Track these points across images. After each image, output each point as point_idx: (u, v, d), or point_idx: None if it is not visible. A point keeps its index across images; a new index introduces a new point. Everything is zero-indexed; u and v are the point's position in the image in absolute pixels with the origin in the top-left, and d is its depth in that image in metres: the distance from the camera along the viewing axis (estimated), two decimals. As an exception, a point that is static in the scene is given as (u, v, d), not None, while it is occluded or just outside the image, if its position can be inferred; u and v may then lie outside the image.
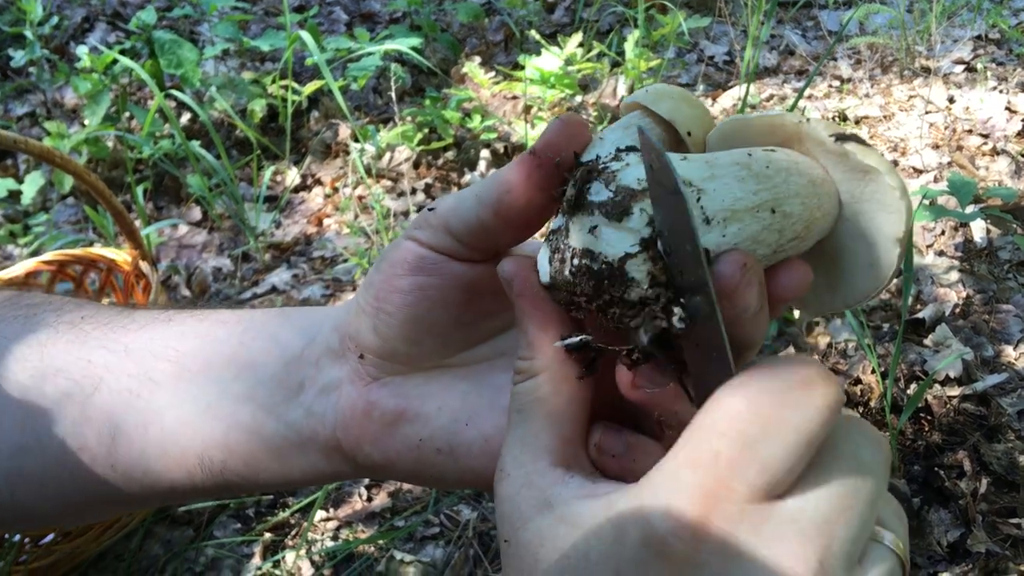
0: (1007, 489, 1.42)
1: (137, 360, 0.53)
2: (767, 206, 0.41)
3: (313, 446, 0.51)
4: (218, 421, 0.52)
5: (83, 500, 0.55)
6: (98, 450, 0.52)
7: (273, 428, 0.51)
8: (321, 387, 0.51)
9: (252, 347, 0.53)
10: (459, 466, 0.49)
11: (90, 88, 2.29)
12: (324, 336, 0.52)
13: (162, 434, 0.52)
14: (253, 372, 0.52)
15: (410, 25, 3.09)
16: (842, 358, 1.68)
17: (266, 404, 0.51)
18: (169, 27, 2.90)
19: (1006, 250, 2.00)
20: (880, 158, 0.44)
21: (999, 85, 2.69)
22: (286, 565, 1.37)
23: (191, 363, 0.53)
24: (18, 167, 2.41)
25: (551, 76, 2.54)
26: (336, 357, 0.51)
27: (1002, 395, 1.57)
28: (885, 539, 0.36)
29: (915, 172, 2.32)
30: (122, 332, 0.55)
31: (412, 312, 0.48)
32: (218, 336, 0.54)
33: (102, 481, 0.53)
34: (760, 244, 0.41)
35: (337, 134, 2.58)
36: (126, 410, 0.52)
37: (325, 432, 0.51)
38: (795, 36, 3.23)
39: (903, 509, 0.39)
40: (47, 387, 0.53)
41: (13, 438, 0.53)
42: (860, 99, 2.73)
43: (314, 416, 0.51)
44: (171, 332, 0.55)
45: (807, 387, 0.35)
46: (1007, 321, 1.77)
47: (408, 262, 0.48)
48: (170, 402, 0.52)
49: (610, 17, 3.30)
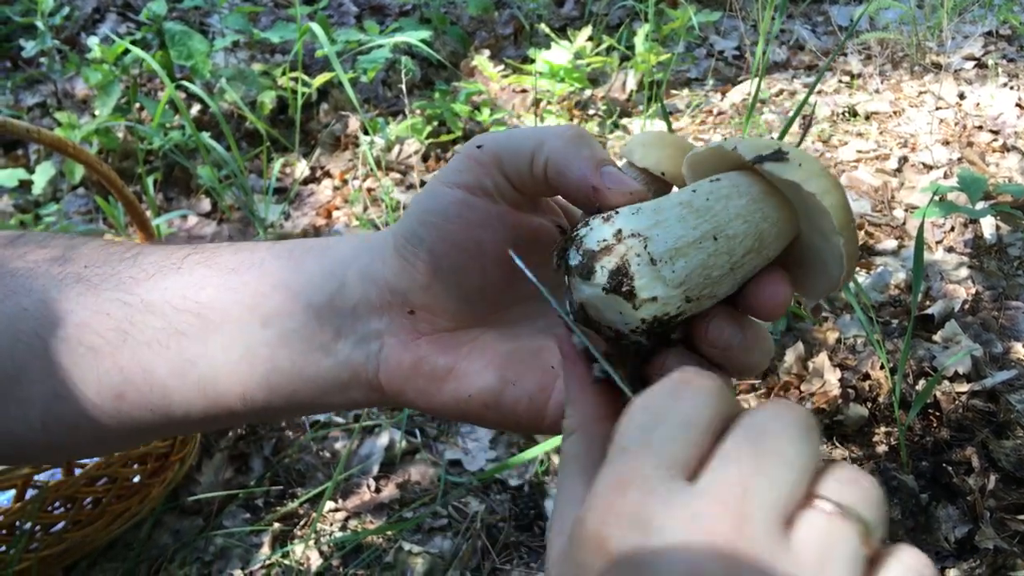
0: (1015, 486, 1.42)
1: (158, 313, 0.53)
2: (709, 235, 0.48)
3: (355, 386, 0.52)
4: (256, 367, 0.52)
5: (119, 438, 0.56)
6: (134, 397, 0.53)
7: (314, 371, 0.52)
8: (360, 336, 0.52)
9: (273, 299, 0.52)
10: (504, 418, 0.52)
11: (101, 79, 2.29)
12: (354, 284, 0.52)
13: (200, 381, 0.52)
14: (281, 321, 0.52)
15: (420, 18, 3.09)
16: (851, 354, 1.68)
17: (303, 350, 0.52)
18: (179, 18, 2.91)
19: (1016, 246, 1.99)
20: (799, 169, 0.47)
21: (1010, 81, 2.68)
22: (295, 555, 1.38)
23: (213, 315, 0.52)
24: (29, 157, 2.42)
25: (560, 70, 2.54)
26: (374, 309, 0.51)
27: (1011, 391, 1.57)
28: (822, 506, 0.37)
29: (925, 168, 2.32)
30: (132, 284, 0.54)
31: (468, 269, 0.50)
32: (233, 286, 0.53)
33: (140, 420, 0.54)
34: (713, 268, 0.48)
35: (347, 126, 2.58)
36: (158, 361, 0.52)
37: (367, 376, 0.52)
38: (805, 31, 3.21)
39: (879, 489, 0.39)
40: (72, 342, 0.53)
41: (45, 387, 0.53)
42: (870, 95, 2.72)
43: (354, 363, 0.52)
44: (184, 282, 0.54)
45: (686, 382, 0.40)
46: (1016, 317, 1.77)
47: (461, 216, 0.49)
48: (202, 352, 0.52)
49: (620, 11, 3.30)
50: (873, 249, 2.03)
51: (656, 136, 0.56)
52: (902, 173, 2.32)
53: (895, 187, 2.26)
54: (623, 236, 0.47)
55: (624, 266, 0.47)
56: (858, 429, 1.53)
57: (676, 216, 0.48)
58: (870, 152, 2.40)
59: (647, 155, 0.54)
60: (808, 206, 0.48)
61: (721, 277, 0.48)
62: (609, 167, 0.50)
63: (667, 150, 0.54)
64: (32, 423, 0.54)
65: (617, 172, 0.50)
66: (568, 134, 0.50)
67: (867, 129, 2.53)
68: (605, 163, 0.50)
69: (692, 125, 2.64)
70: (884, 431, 1.52)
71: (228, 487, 1.51)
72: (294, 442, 1.60)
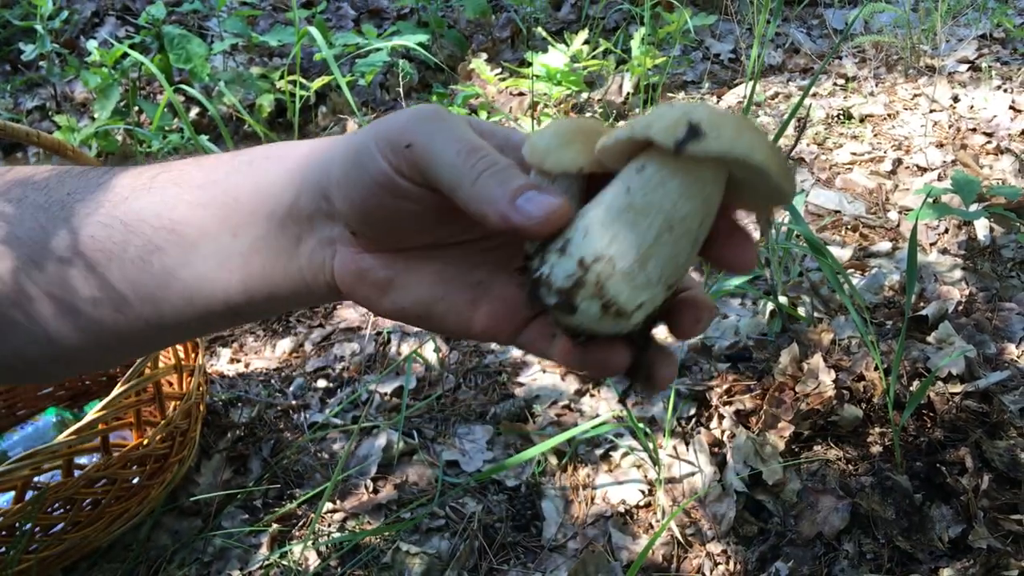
0: (1009, 486, 1.43)
1: (138, 232, 0.57)
2: (664, 229, 0.47)
3: (317, 285, 0.57)
4: (233, 274, 0.56)
5: (120, 344, 0.61)
6: (128, 310, 0.57)
7: (283, 274, 0.57)
8: (318, 240, 0.56)
9: (239, 211, 0.56)
10: (435, 326, 0.57)
11: (100, 82, 2.30)
12: (309, 195, 0.55)
13: (184, 291, 0.57)
14: (249, 230, 0.56)
15: (417, 21, 3.10)
16: (845, 355, 1.69)
17: (271, 255, 0.56)
18: (178, 22, 2.92)
19: (1009, 248, 2.00)
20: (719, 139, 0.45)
21: (1003, 84, 2.70)
22: (293, 556, 1.39)
23: (188, 230, 0.56)
24: (28, 160, 2.42)
25: (557, 73, 2.55)
26: (327, 217, 0.55)
27: (1004, 392, 1.58)
28: None
29: (919, 170, 2.33)
30: (111, 207, 0.58)
31: (394, 224, 0.53)
32: (203, 201, 0.57)
33: (138, 329, 0.58)
34: (680, 254, 0.48)
35: (345, 129, 2.59)
36: (144, 277, 0.57)
37: (325, 278, 0.56)
38: (800, 34, 3.23)
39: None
40: (65, 264, 0.57)
41: (48, 307, 0.58)
42: (864, 97, 2.73)
43: (314, 264, 0.56)
44: (156, 201, 0.58)
45: None
46: (1010, 319, 1.78)
47: (386, 189, 0.51)
48: (180, 263, 0.56)
49: (616, 14, 3.31)
50: (867, 251, 2.04)
51: (557, 133, 0.52)
52: (896, 175, 2.33)
53: (889, 189, 2.27)
54: (587, 263, 0.47)
55: (603, 292, 0.47)
56: (852, 430, 1.54)
57: (626, 224, 0.48)
58: (864, 154, 2.42)
59: (560, 158, 0.51)
60: (739, 165, 0.46)
61: (689, 254, 0.49)
62: (526, 195, 0.48)
63: (576, 144, 0.51)
64: (38, 338, 0.59)
65: (534, 197, 0.48)
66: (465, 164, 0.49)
67: (862, 131, 2.54)
68: (518, 192, 0.48)
69: (688, 128, 2.65)
70: (878, 431, 1.53)
71: (227, 488, 1.51)
72: (292, 443, 1.60)
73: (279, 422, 1.67)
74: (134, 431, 1.36)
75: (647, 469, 1.51)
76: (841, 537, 1.37)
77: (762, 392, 1.61)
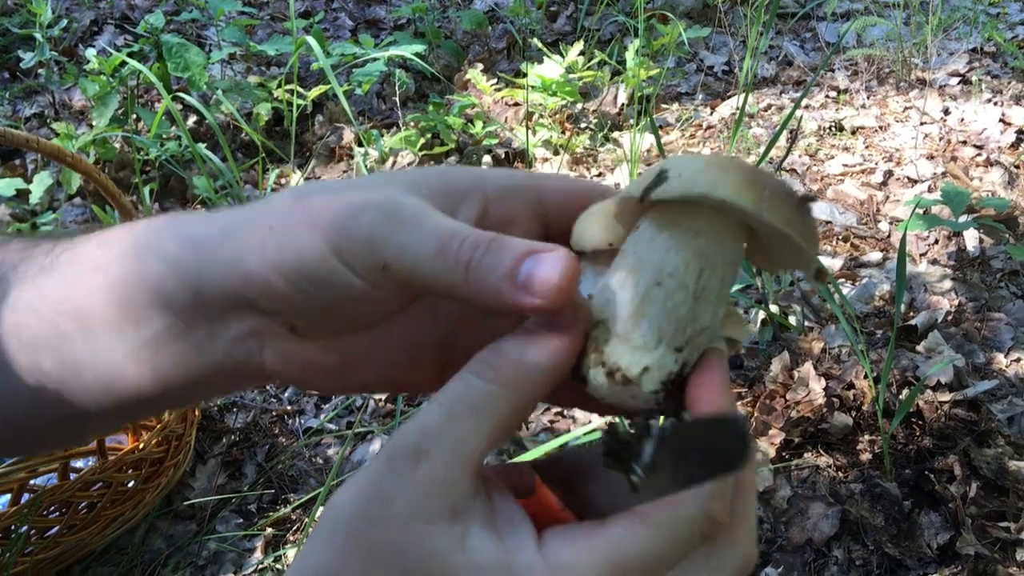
0: (996, 493, 1.44)
1: (43, 317, 0.52)
2: (652, 284, 0.46)
3: (248, 376, 0.51)
4: (141, 366, 0.50)
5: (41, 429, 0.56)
6: (48, 395, 0.52)
7: (197, 369, 0.50)
8: (235, 335, 0.49)
9: (139, 300, 0.50)
10: (411, 389, 0.54)
11: (98, 90, 2.32)
12: (215, 291, 0.48)
13: (97, 380, 0.51)
14: (151, 322, 0.50)
15: (414, 32, 3.13)
16: (836, 363, 1.70)
17: (181, 349, 0.50)
18: (176, 31, 2.94)
19: (998, 259, 2.03)
20: (679, 180, 0.44)
21: (993, 97, 2.73)
22: (287, 560, 1.39)
23: (90, 319, 0.51)
24: (26, 167, 2.44)
25: (552, 83, 2.58)
26: (244, 313, 0.49)
27: (992, 401, 1.60)
28: None
29: (909, 182, 2.36)
30: (20, 289, 0.53)
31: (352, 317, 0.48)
32: (103, 287, 0.51)
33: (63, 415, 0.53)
34: (676, 308, 0.46)
35: (341, 138, 2.61)
36: (57, 362, 0.52)
37: (253, 369, 0.50)
38: (793, 47, 3.26)
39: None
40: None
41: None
42: (856, 110, 2.76)
43: (238, 357, 0.50)
44: (58, 284, 0.52)
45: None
46: (998, 329, 1.80)
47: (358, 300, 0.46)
48: (90, 354, 0.51)
49: (611, 26, 3.34)
50: (858, 261, 2.07)
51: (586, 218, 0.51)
52: (887, 187, 2.35)
53: (880, 200, 2.30)
54: (589, 332, 0.47)
55: (604, 359, 0.46)
56: (842, 437, 1.55)
57: (618, 285, 0.47)
58: (856, 166, 2.44)
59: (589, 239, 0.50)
60: (714, 204, 0.45)
61: (692, 309, 0.47)
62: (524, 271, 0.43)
63: (598, 221, 0.51)
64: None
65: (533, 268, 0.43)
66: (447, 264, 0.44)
67: (853, 143, 2.57)
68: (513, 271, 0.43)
69: (682, 139, 2.68)
70: (868, 439, 1.55)
71: (221, 492, 1.52)
72: (287, 448, 1.61)
73: (274, 427, 1.68)
74: (130, 435, 1.37)
75: (639, 475, 1.52)
76: (831, 543, 1.38)
77: (753, 400, 1.63)
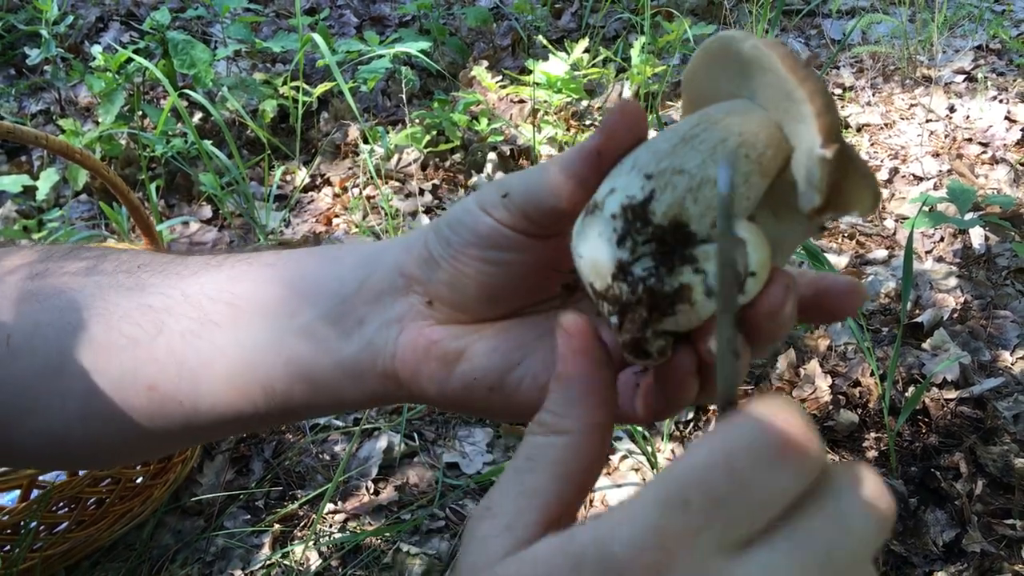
0: (1002, 491, 1.45)
1: (195, 304, 0.55)
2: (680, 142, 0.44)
3: (371, 375, 0.54)
4: (278, 356, 0.54)
5: (153, 435, 0.58)
6: (166, 388, 0.55)
7: (336, 358, 0.53)
8: (382, 322, 0.53)
9: (304, 289, 0.55)
10: (508, 401, 0.52)
11: (104, 87, 2.32)
12: (383, 273, 0.53)
13: (227, 369, 0.55)
14: (310, 309, 0.54)
15: (419, 29, 3.13)
16: (842, 360, 1.71)
17: (325, 338, 0.53)
18: (182, 28, 2.94)
19: (1004, 257, 2.03)
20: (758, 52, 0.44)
21: (999, 95, 2.72)
22: (295, 556, 1.40)
23: (246, 304, 0.55)
24: (32, 164, 2.44)
25: (557, 80, 2.58)
26: (398, 294, 0.53)
27: (998, 399, 1.60)
28: None
29: (915, 179, 2.36)
30: (177, 279, 0.57)
31: (490, 280, 0.51)
32: (269, 278, 0.56)
33: (171, 415, 0.56)
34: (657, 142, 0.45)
35: (347, 135, 2.61)
36: (189, 350, 0.55)
37: (384, 362, 0.53)
38: (798, 44, 3.26)
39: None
40: (113, 333, 0.56)
41: (84, 382, 0.56)
42: (862, 107, 2.76)
43: (375, 347, 0.53)
44: (223, 276, 0.57)
45: (784, 451, 0.35)
46: (1004, 326, 1.80)
47: (488, 237, 0.49)
48: (231, 340, 0.55)
49: (616, 23, 3.34)
50: (864, 258, 2.07)
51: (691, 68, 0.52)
52: (893, 184, 2.35)
53: (886, 198, 2.30)
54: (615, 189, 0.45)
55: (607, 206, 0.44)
56: (848, 435, 1.55)
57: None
58: (862, 163, 2.44)
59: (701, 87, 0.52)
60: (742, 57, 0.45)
61: (674, 147, 0.44)
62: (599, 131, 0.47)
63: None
64: (70, 418, 0.56)
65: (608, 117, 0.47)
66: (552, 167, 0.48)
67: (859, 140, 2.57)
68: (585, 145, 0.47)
69: (687, 136, 2.68)
70: (874, 437, 1.55)
71: (229, 488, 1.53)
72: (294, 445, 1.62)
73: (281, 424, 1.69)
74: (138, 431, 1.37)
75: (645, 472, 1.52)
76: (836, 540, 1.38)
77: (759, 397, 1.63)
